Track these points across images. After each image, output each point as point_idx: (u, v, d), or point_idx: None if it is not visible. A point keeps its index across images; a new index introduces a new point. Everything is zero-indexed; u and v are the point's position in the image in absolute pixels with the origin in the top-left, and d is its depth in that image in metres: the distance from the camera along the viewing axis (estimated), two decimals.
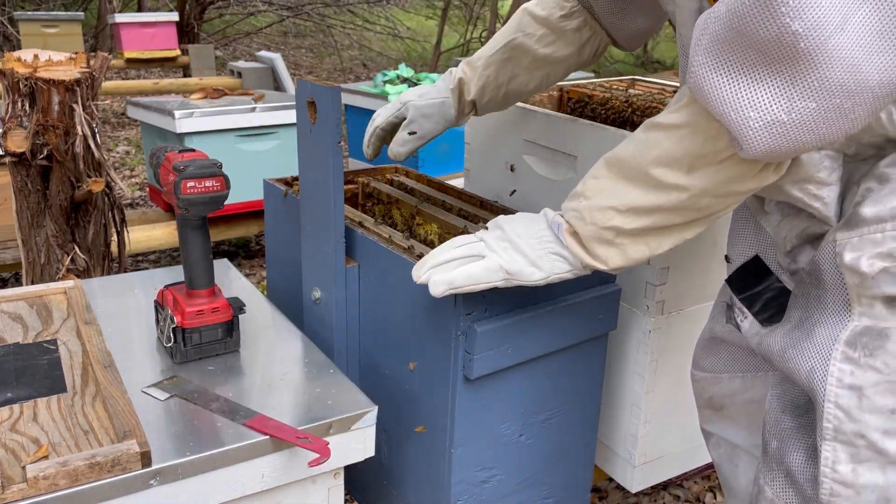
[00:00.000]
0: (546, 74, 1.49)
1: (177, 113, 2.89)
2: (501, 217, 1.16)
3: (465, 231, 1.48)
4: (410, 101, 1.54)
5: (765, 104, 0.83)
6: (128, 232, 2.29)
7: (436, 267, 1.11)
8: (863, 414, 0.93)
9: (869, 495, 0.95)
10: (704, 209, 1.00)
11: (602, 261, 1.07)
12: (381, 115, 1.56)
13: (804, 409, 1.04)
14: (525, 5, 1.48)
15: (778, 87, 0.82)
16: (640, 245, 1.05)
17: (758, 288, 1.15)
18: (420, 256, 1.33)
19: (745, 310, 1.16)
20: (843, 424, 0.94)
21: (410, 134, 1.54)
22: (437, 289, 1.09)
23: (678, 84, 2.01)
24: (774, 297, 1.13)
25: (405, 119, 1.54)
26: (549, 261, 1.10)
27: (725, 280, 1.23)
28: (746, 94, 0.83)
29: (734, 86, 0.84)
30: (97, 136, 2.01)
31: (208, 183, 1.19)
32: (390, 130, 1.57)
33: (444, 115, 1.54)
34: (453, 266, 1.10)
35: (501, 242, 1.11)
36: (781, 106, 0.82)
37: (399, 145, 1.54)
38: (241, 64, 5.53)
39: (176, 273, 1.47)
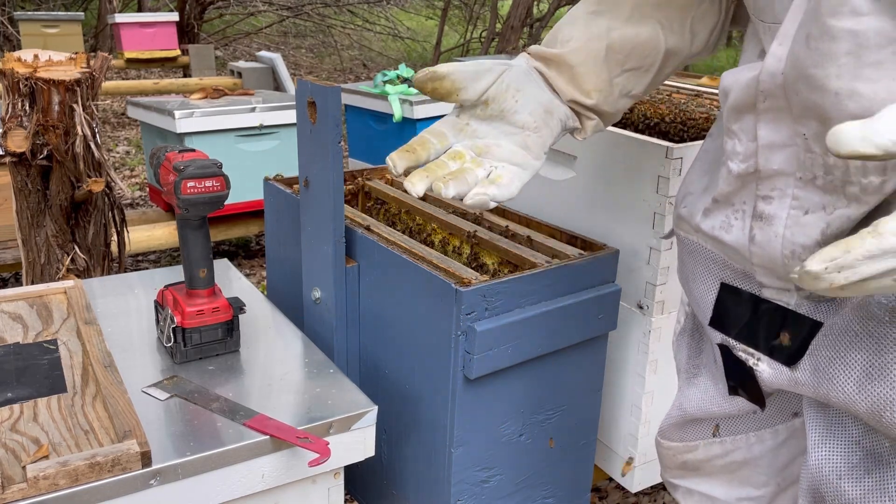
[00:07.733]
0: None
1: (177, 113, 2.89)
2: None
3: (466, 232, 1.48)
4: None
5: None
6: (128, 232, 2.29)
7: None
8: None
9: None
10: None
11: None
12: None
13: (879, 459, 0.82)
14: None
15: None
16: None
17: (748, 319, 0.92)
18: (419, 257, 1.33)
19: (755, 352, 0.91)
20: None
21: None
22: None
23: (681, 85, 2.01)
24: (776, 326, 0.88)
25: None
26: None
27: (710, 324, 0.97)
28: None
29: None
30: (97, 136, 2.01)
31: (208, 183, 1.19)
32: None
33: None
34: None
35: None
36: None
37: None
38: (242, 64, 5.51)
39: (176, 273, 1.47)
